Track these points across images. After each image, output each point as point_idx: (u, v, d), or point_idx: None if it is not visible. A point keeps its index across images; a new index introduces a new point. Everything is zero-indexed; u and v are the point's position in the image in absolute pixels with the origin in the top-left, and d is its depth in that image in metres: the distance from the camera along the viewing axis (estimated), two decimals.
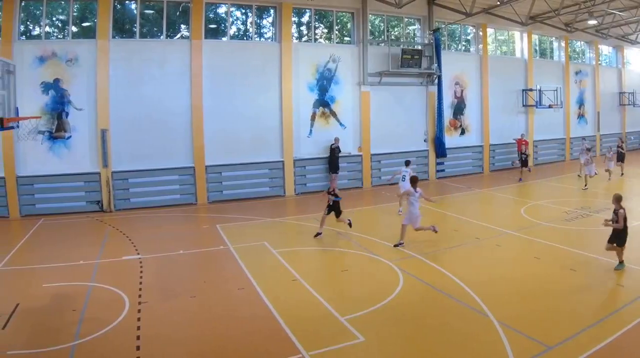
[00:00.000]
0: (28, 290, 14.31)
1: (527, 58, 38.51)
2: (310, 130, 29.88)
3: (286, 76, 28.86)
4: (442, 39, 33.98)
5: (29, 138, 20.54)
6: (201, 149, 26.97)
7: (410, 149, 32.63)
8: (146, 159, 25.99)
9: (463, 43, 36.85)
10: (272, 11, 29.51)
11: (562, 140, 41.27)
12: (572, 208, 23.27)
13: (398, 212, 22.73)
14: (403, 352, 10.39)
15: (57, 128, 24.66)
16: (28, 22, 25.38)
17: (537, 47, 40.22)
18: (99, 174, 25.18)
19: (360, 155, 31.28)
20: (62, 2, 25.45)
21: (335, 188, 19.33)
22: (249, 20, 29.40)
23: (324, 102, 30.28)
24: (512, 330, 10.80)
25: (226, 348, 10.74)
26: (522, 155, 32.90)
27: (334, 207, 19.29)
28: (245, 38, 29.39)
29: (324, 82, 30.20)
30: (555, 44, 41.71)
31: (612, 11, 33.91)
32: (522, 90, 38.00)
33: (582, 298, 12.97)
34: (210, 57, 27.18)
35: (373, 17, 32.66)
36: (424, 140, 33.57)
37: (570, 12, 35.16)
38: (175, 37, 27.74)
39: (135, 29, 26.50)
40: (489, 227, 20.64)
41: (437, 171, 34.05)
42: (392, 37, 33.60)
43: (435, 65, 32.64)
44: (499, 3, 31.83)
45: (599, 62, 44.93)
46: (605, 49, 46.74)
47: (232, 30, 29.15)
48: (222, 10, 28.63)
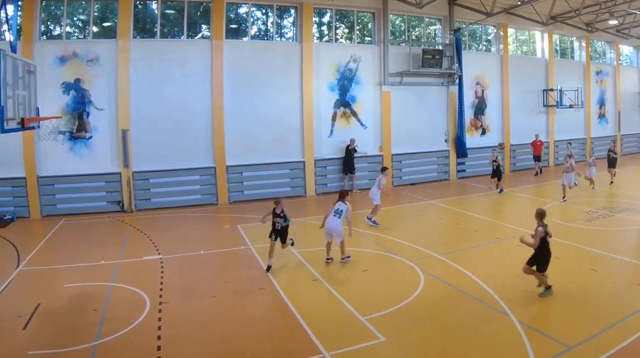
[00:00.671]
0: (49, 290, 13.97)
1: (548, 58, 37.33)
2: (331, 130, 29.02)
3: (307, 76, 28.04)
4: (463, 38, 33.02)
5: (50, 138, 19.87)
6: (222, 149, 26.21)
7: (431, 149, 31.90)
8: (167, 159, 25.32)
9: (484, 43, 35.72)
10: (292, 11, 28.65)
11: (583, 140, 39.89)
12: (593, 208, 22.43)
13: (369, 220, 20.82)
14: (424, 352, 10.13)
15: (78, 128, 23.99)
16: (49, 22, 24.71)
17: (557, 47, 38.89)
18: (120, 174, 24.52)
19: (381, 155, 30.32)
20: (83, 2, 24.70)
21: (284, 209, 15.07)
22: (270, 20, 28.54)
23: (344, 102, 29.39)
24: (532, 330, 10.54)
25: (247, 348, 10.46)
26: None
27: (280, 232, 15.20)
28: (266, 38, 28.53)
29: (345, 82, 29.30)
30: (576, 44, 40.36)
31: (633, 11, 32.37)
32: (543, 90, 36.93)
33: (603, 298, 12.56)
34: (231, 57, 26.39)
35: (394, 17, 31.66)
36: (445, 140, 32.61)
37: (591, 12, 34.04)
38: (196, 37, 26.97)
39: (156, 29, 25.76)
40: (509, 227, 20.03)
41: (458, 171, 33.05)
42: (413, 37, 32.64)
43: (456, 65, 31.72)
44: (519, 3, 30.95)
45: (619, 62, 43.52)
46: (626, 49, 45.25)
47: (253, 30, 28.33)
48: (242, 10, 27.85)
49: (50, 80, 23.15)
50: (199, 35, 27.09)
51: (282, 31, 29.24)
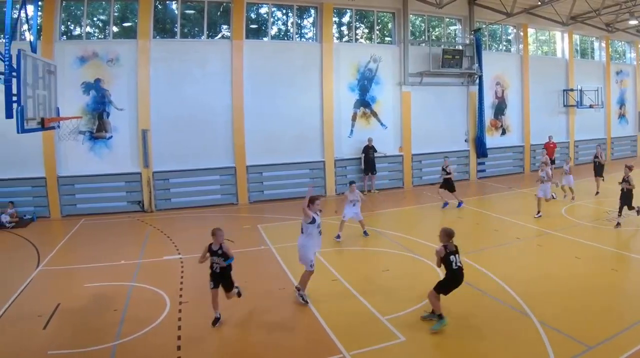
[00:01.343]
0: (69, 290, 13.69)
1: (568, 58, 35.97)
2: (351, 130, 28.10)
3: (327, 76, 27.15)
4: (483, 39, 31.80)
5: (70, 138, 19.27)
6: (242, 149, 25.44)
7: (451, 149, 30.61)
8: (187, 159, 24.65)
9: (504, 43, 34.43)
10: (312, 11, 27.75)
11: (603, 140, 38.28)
12: (613, 208, 21.01)
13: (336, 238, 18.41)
14: (444, 352, 9.96)
15: (98, 128, 23.37)
16: (69, 22, 24.04)
17: (577, 47, 37.54)
18: (140, 174, 23.88)
19: (401, 155, 29.38)
20: (103, 2, 24.03)
21: (223, 246, 11.20)
22: (290, 20, 27.68)
23: (364, 102, 28.46)
24: (552, 329, 10.28)
25: (267, 348, 10.23)
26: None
27: (222, 276, 11.34)
28: (286, 38, 27.67)
29: (365, 82, 28.35)
30: (596, 44, 38.90)
31: None
32: (563, 90, 35.58)
33: (623, 298, 12.43)
34: (251, 57, 25.59)
35: (414, 17, 30.58)
36: (465, 141, 31.50)
37: (611, 12, 32.86)
38: (216, 37, 26.17)
39: (176, 29, 25.06)
40: (529, 227, 19.49)
41: (478, 171, 31.94)
42: (433, 37, 31.56)
43: (476, 65, 30.59)
44: (539, 3, 29.71)
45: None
46: None
47: (273, 30, 27.46)
48: (263, 10, 26.96)
49: (70, 80, 22.54)
50: (219, 35, 26.28)
51: (302, 31, 28.37)
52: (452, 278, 10.75)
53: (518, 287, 12.66)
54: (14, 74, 11.69)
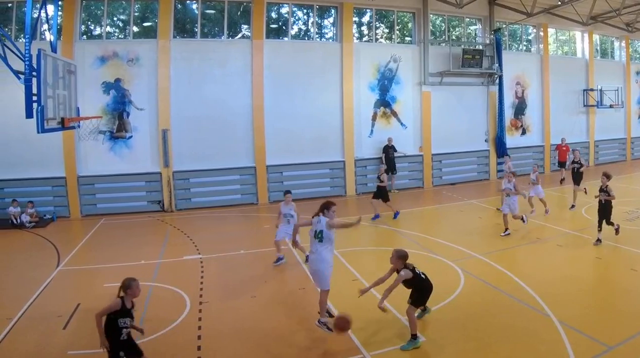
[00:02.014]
0: (89, 290, 13.26)
1: (588, 58, 34.58)
2: (372, 130, 27.06)
3: (347, 76, 26.15)
4: (503, 38, 30.64)
5: (90, 138, 18.44)
6: (262, 149, 24.56)
7: (471, 148, 29.68)
8: (207, 158, 23.85)
9: (524, 43, 33.10)
10: (332, 11, 26.69)
11: (623, 140, 36.92)
12: (633, 208, 20.73)
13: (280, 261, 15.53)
14: (463, 352, 9.50)
15: (118, 128, 22.64)
16: (89, 22, 23.27)
17: (598, 47, 36.04)
18: (160, 173, 23.11)
19: (421, 155, 28.29)
20: (123, 2, 23.22)
21: (133, 302, 8.40)
22: (310, 20, 26.66)
23: (385, 102, 27.38)
24: (573, 329, 9.91)
25: (287, 348, 9.87)
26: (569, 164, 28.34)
27: (130, 343, 8.28)
28: (306, 38, 26.68)
29: (385, 82, 27.27)
30: (616, 43, 37.32)
31: None
32: (583, 90, 34.22)
33: None
34: (271, 57, 24.69)
35: (434, 17, 29.41)
36: (485, 140, 30.26)
37: (631, 12, 31.83)
38: (237, 37, 25.24)
39: (196, 29, 24.17)
40: (549, 227, 18.63)
41: (498, 171, 30.20)
42: (453, 37, 30.45)
43: (496, 65, 29.38)
44: (559, 3, 28.52)
45: None
46: None
47: (294, 30, 26.48)
48: (283, 10, 26.03)
49: (90, 80, 21.91)
50: (240, 35, 25.33)
51: (323, 31, 27.30)
52: (427, 288, 10.00)
53: (538, 287, 12.22)
54: (34, 73, 11.45)
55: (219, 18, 24.80)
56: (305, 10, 26.71)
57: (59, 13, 20.69)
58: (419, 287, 9.89)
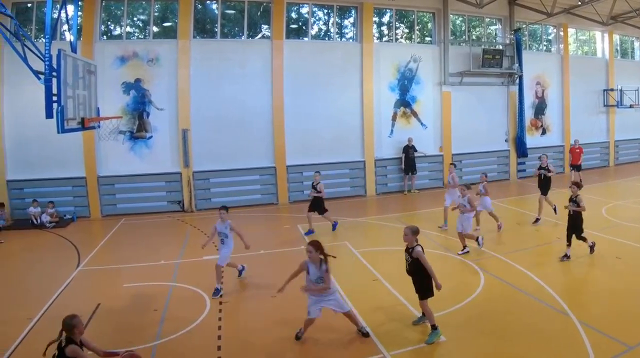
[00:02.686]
0: (109, 290, 13.02)
1: (608, 58, 33.12)
2: (392, 130, 25.96)
3: (367, 76, 25.11)
4: (523, 38, 29.22)
5: (110, 138, 17.94)
6: (282, 149, 23.68)
7: (491, 148, 28.46)
8: (227, 158, 23.07)
9: (544, 43, 31.76)
10: (353, 11, 25.65)
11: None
12: None
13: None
14: (483, 352, 9.29)
15: (138, 128, 21.87)
16: (109, 22, 22.50)
17: (618, 47, 34.54)
18: (180, 173, 22.34)
19: (441, 155, 27.19)
20: (143, 2, 22.42)
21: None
22: (330, 20, 25.66)
23: (405, 102, 26.27)
24: (592, 329, 9.67)
25: (307, 348, 9.67)
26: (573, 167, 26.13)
27: None
28: (326, 38, 25.71)
29: (405, 82, 26.17)
30: (636, 43, 35.76)
31: None
32: (603, 90, 32.76)
33: None
34: (291, 57, 23.77)
35: (454, 17, 28.22)
36: (505, 140, 29.02)
37: None
38: (256, 37, 24.34)
39: (216, 29, 23.31)
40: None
41: (518, 171, 29.46)
42: (473, 37, 29.18)
43: (517, 65, 28.08)
44: (579, 3, 27.12)
45: None
46: None
47: (313, 30, 25.51)
48: (303, 10, 25.05)
49: (110, 80, 21.17)
50: (259, 35, 24.42)
51: (343, 31, 26.29)
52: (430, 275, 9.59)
53: (558, 287, 11.96)
54: (54, 74, 11.15)
55: (239, 18, 23.88)
56: (325, 11, 25.66)
57: (79, 13, 19.87)
58: (421, 274, 9.60)
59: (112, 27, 22.77)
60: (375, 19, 26.43)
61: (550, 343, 9.34)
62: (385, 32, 27.31)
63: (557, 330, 9.83)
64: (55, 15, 14.16)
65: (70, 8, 15.98)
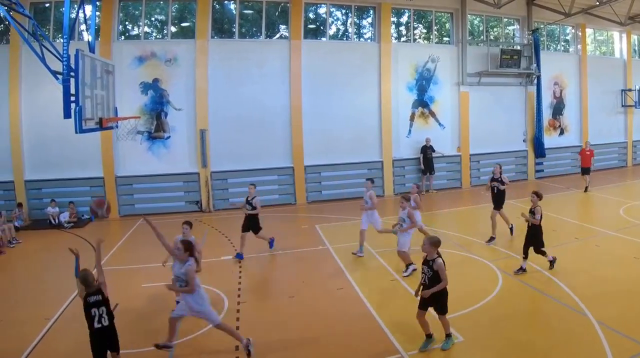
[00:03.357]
0: (127, 290, 12.77)
1: (626, 58, 31.72)
2: (410, 130, 25.00)
3: (385, 76, 24.18)
4: (541, 39, 28.04)
5: (128, 138, 16.82)
6: (300, 149, 22.84)
7: (509, 149, 27.37)
8: (245, 158, 22.32)
9: (562, 43, 30.50)
10: (371, 11, 24.70)
11: None
12: None
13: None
14: (502, 352, 9.04)
15: (156, 128, 21.15)
16: (127, 23, 21.77)
17: (636, 47, 33.09)
18: (198, 174, 21.60)
19: (459, 155, 26.20)
20: (161, 2, 21.67)
21: None
22: (349, 20, 24.70)
23: (423, 102, 25.27)
24: (611, 329, 9.35)
25: (325, 347, 9.51)
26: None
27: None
28: (344, 38, 24.77)
29: (423, 82, 25.15)
30: None
31: None
32: (621, 90, 31.38)
33: None
34: (309, 57, 22.93)
35: (472, 17, 27.13)
36: (523, 141, 27.88)
37: None
38: (274, 38, 23.49)
39: (234, 29, 22.50)
40: (587, 227, 17.76)
41: (536, 171, 28.30)
42: (491, 37, 28.05)
43: (535, 65, 26.90)
44: (597, 3, 25.86)
45: None
46: None
47: (332, 30, 24.60)
48: (321, 10, 24.18)
49: (128, 80, 20.46)
50: (277, 35, 23.55)
51: (361, 31, 25.32)
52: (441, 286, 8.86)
53: (576, 287, 11.60)
54: (72, 74, 10.72)
55: (257, 18, 23.02)
56: (343, 11, 24.69)
57: (97, 13, 19.16)
58: (442, 281, 8.87)
59: (129, 27, 22.03)
60: (394, 19, 25.45)
61: (569, 343, 9.11)
62: (404, 32, 26.29)
63: (575, 330, 9.56)
64: (73, 16, 13.43)
65: (88, 8, 15.19)
